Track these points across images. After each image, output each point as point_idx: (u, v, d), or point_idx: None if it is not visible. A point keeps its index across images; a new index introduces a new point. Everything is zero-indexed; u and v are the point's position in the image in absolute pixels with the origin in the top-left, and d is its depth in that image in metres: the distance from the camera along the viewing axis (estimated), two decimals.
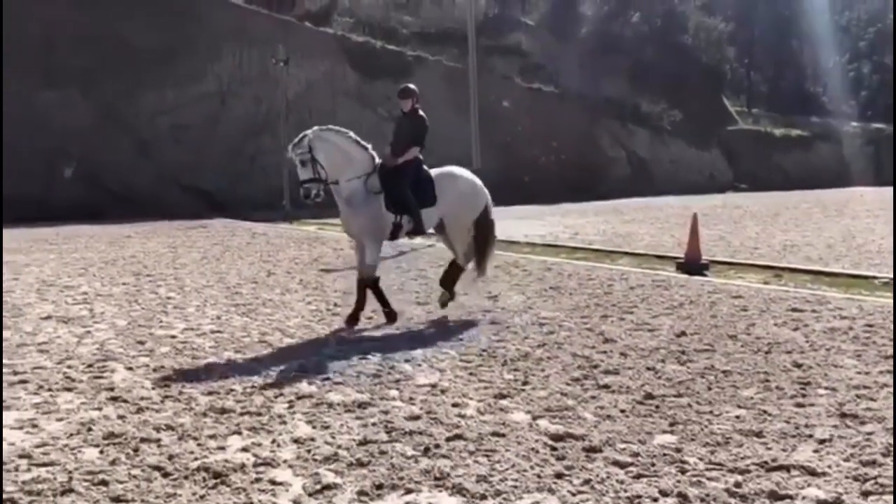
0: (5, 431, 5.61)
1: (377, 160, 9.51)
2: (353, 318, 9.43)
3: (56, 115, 35.71)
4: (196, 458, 5.03)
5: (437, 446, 5.18)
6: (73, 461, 4.98)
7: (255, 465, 4.92)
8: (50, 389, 6.70)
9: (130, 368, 7.48)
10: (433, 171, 9.85)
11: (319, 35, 42.88)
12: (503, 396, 6.32)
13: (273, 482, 4.66)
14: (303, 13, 43.91)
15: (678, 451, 5.08)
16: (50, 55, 35.76)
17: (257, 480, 4.68)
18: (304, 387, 6.71)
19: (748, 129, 63.55)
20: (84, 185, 35.58)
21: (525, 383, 6.69)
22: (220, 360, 7.76)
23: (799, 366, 7.18)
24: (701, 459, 4.94)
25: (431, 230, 10.23)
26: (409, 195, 9.49)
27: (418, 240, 18.44)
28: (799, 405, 6.03)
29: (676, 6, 64.92)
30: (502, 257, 16.41)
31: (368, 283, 9.52)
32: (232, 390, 6.63)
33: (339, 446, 5.21)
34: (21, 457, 5.06)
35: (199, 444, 5.30)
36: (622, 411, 5.91)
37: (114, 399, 6.39)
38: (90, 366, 7.58)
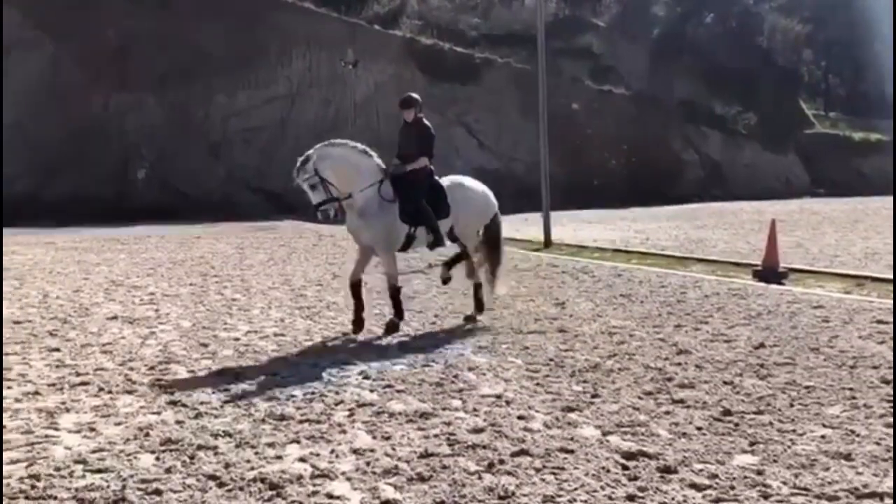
0: (63, 435, 5.55)
1: (383, 166, 9.30)
2: (392, 326, 9.22)
3: (130, 118, 36.38)
4: (253, 468, 4.87)
5: (502, 462, 4.93)
6: (128, 468, 4.87)
7: (313, 476, 4.74)
8: (110, 392, 6.64)
9: (192, 371, 7.40)
10: (443, 181, 9.66)
11: (388, 37, 42.88)
12: (571, 410, 6.04)
13: (330, 496, 4.48)
14: (371, 16, 43.99)
15: (760, 473, 4.76)
16: (126, 60, 36.43)
17: (314, 493, 4.50)
18: (365, 394, 6.53)
19: (826, 132, 61.76)
20: (156, 187, 36.16)
21: (595, 396, 6.40)
22: (281, 363, 7.63)
23: (887, 382, 6.74)
24: (785, 483, 4.60)
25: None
26: (425, 207, 9.27)
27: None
28: (889, 425, 5.63)
29: (751, 7, 63.43)
30: (570, 263, 16.09)
31: (393, 292, 9.40)
32: (292, 396, 6.48)
33: (400, 459, 5.01)
34: (77, 462, 4.97)
35: (256, 453, 5.15)
36: (698, 428, 5.58)
37: (173, 403, 6.29)
38: (152, 368, 7.52)
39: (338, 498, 4.45)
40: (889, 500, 4.36)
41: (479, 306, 10.00)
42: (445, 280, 10.42)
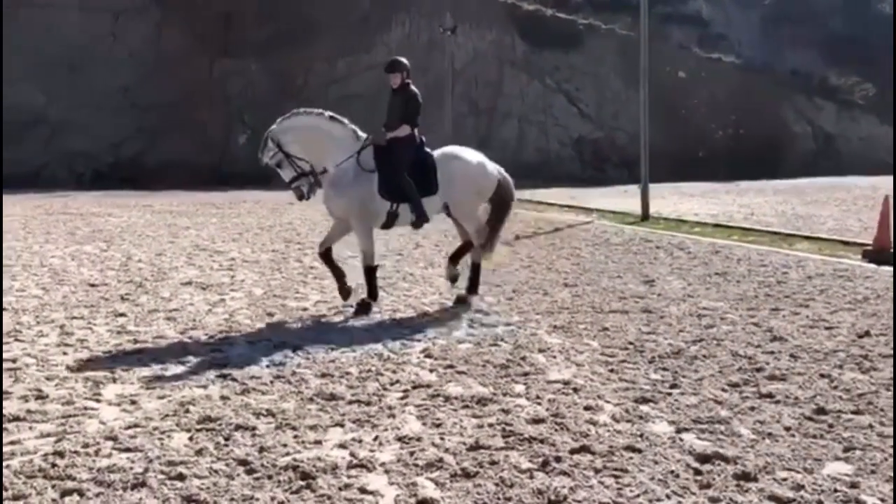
0: (103, 407, 5.32)
1: (361, 134, 8.57)
2: (364, 306, 8.46)
3: (233, 83, 36.80)
4: (288, 453, 4.52)
5: (559, 459, 4.44)
6: (158, 447, 4.57)
7: (349, 466, 4.36)
8: (163, 362, 6.41)
9: (251, 342, 7.13)
10: (435, 153, 8.77)
11: (489, 3, 42.09)
12: (645, 401, 5.48)
13: (363, 490, 4.08)
14: None
15: (854, 486, 4.14)
16: (230, 26, 36.82)
17: (346, 487, 4.11)
18: (423, 374, 6.13)
19: None
20: (256, 153, 36.54)
21: (673, 386, 5.82)
22: (342, 336, 7.29)
23: None
24: (883, 501, 3.98)
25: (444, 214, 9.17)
26: (406, 181, 8.43)
27: (571, 216, 17.69)
28: None
29: None
30: (666, 238, 15.32)
31: (368, 271, 8.65)
32: (347, 374, 6.12)
33: (447, 450, 4.57)
34: (107, 438, 4.72)
35: (295, 436, 4.80)
36: (786, 428, 4.96)
37: (223, 377, 6.01)
38: (211, 337, 7.30)
39: (371, 493, 4.05)
40: None
41: (475, 287, 9.03)
42: (452, 279, 9.24)
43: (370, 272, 8.67)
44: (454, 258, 9.26)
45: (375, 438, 4.76)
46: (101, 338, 7.24)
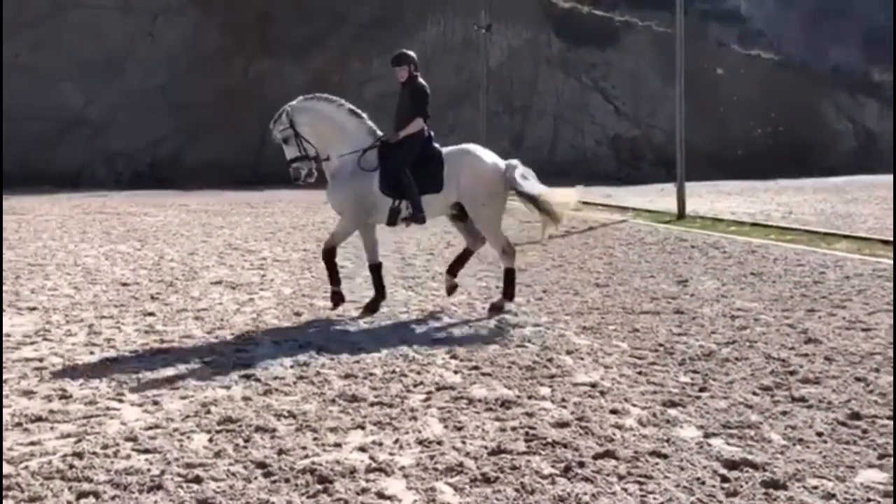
0: (125, 408, 5.31)
1: (379, 133, 8.38)
2: (371, 307, 8.38)
3: (270, 83, 36.97)
4: (307, 456, 4.46)
5: (582, 465, 4.34)
6: (176, 450, 4.53)
7: (368, 469, 4.29)
8: (187, 362, 6.40)
9: (277, 342, 7.10)
10: (446, 150, 8.48)
11: (524, 1, 41.95)
12: (673, 405, 5.35)
13: (381, 495, 4.01)
14: None
15: (887, 495, 3.99)
16: (265, 26, 37.02)
17: (364, 491, 4.04)
18: (447, 375, 6.05)
19: None
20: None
21: (703, 389, 5.68)
22: (365, 336, 7.24)
23: None
24: None
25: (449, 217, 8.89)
26: (406, 176, 8.18)
27: (605, 214, 17.55)
28: None
29: None
30: (701, 237, 15.11)
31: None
32: (371, 375, 6.06)
33: (468, 454, 4.49)
34: (127, 439, 4.69)
35: (315, 438, 4.74)
36: (819, 434, 4.81)
37: (246, 377, 5.98)
38: (238, 337, 7.28)
39: (388, 498, 3.98)
40: None
41: (510, 293, 8.52)
42: (450, 290, 8.85)
43: (376, 269, 8.51)
44: (452, 269, 8.88)
45: (396, 441, 4.69)
46: (128, 337, 7.26)
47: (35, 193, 25.84)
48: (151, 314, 8.21)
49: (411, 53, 8.54)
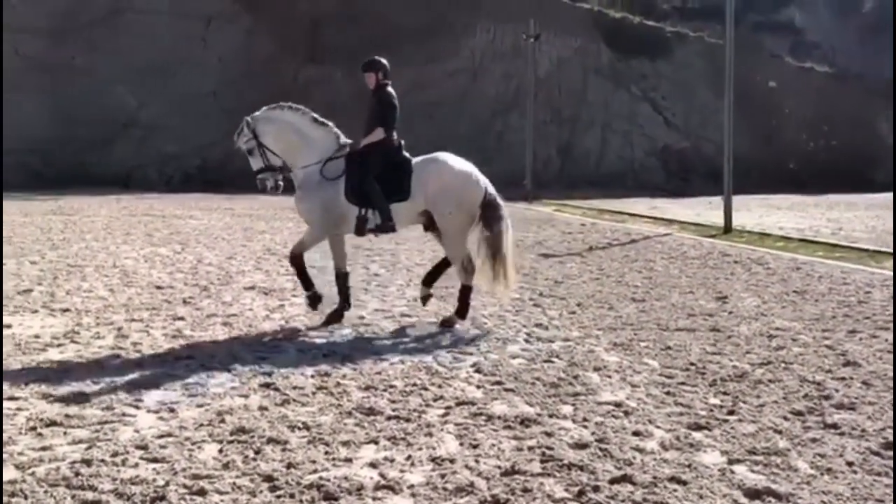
0: (141, 415, 5.28)
1: (342, 139, 8.25)
2: (335, 316, 8.22)
3: (317, 90, 37.21)
4: (315, 471, 4.38)
5: (597, 489, 4.19)
6: (184, 460, 4.48)
7: (376, 487, 4.19)
8: (209, 369, 6.36)
9: (301, 351, 7.06)
10: (417, 159, 8.31)
11: (574, 10, 41.71)
12: (699, 428, 5.17)
13: None
14: None
15: None
16: (315, 33, 37.31)
17: None
18: (469, 390, 5.93)
19: None
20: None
21: (731, 413, 5.48)
22: (395, 349, 7.16)
23: None
24: None
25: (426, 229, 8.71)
26: (371, 184, 8.01)
27: (649, 227, 17.32)
28: None
29: None
30: (745, 252, 14.79)
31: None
32: (391, 387, 5.97)
33: (480, 474, 4.36)
34: (138, 447, 4.65)
35: (326, 452, 4.65)
36: (849, 464, 4.59)
37: (266, 386, 5.92)
38: (263, 344, 7.24)
39: None
40: None
41: (463, 311, 8.30)
42: (424, 299, 8.66)
43: (341, 279, 8.42)
44: (428, 280, 8.69)
45: (408, 458, 4.58)
46: (155, 342, 7.25)
47: (87, 194, 26.26)
48: (181, 318, 8.22)
49: (381, 60, 8.40)
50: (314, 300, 8.33)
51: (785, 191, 36.29)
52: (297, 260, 8.33)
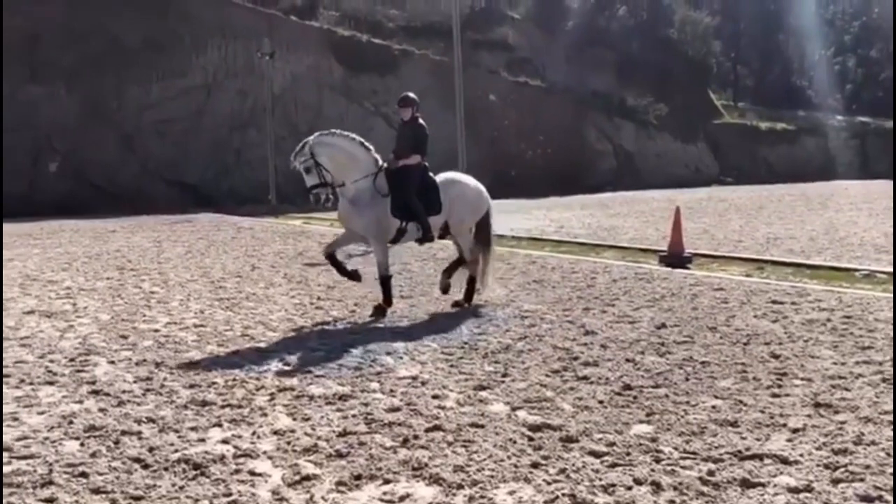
0: None
1: (381, 162, 9.65)
2: (379, 310, 9.62)
3: (41, 110, 35.53)
4: (176, 451, 5.06)
5: (416, 437, 5.23)
6: (53, 454, 5.00)
7: (235, 456, 4.96)
8: (31, 383, 6.71)
9: (112, 362, 7.50)
10: (437, 178, 9.96)
11: (305, 28, 42.71)
12: (483, 388, 6.37)
13: (252, 473, 4.71)
14: (288, 7, 43.74)
15: (654, 440, 5.15)
16: (35, 50, 35.57)
17: (237, 472, 4.73)
18: (285, 380, 6.76)
19: (734, 122, 63.68)
20: (69, 181, 35.41)
21: (505, 375, 6.75)
22: (201, 353, 7.80)
23: (776, 357, 7.26)
24: (676, 449, 5.01)
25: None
26: (416, 202, 9.61)
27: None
28: (774, 395, 6.11)
29: (662, 0, 65.03)
30: None
31: (384, 279, 9.79)
32: (214, 383, 6.66)
33: (319, 438, 5.26)
34: (2, 450, 5.08)
35: (179, 437, 5.34)
36: (600, 402, 5.97)
37: (95, 392, 6.41)
38: (72, 360, 7.59)
39: (260, 475, 4.68)
40: (768, 461, 4.79)
41: (469, 296, 10.23)
42: (445, 289, 10.44)
43: (386, 280, 9.74)
44: (448, 271, 10.52)
45: (253, 433, 5.38)
46: None
47: None
48: None
49: (413, 96, 9.96)
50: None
51: (509, 196, 39.26)
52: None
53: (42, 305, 10.70)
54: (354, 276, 10.02)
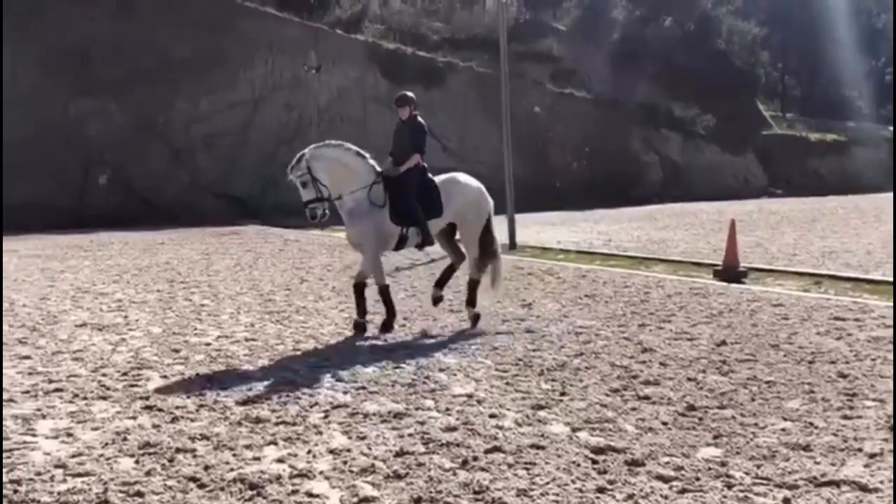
0: (41, 440, 5.60)
1: (378, 169, 9.40)
2: (386, 326, 9.47)
3: (92, 123, 36.04)
4: (232, 469, 4.97)
5: (476, 458, 5.08)
6: (108, 471, 4.94)
7: (292, 476, 4.86)
8: (85, 398, 6.68)
9: (165, 377, 7.46)
10: (437, 179, 9.65)
11: (350, 42, 42.94)
12: (541, 407, 6.20)
13: (310, 494, 4.60)
14: (334, 20, 44.03)
15: (723, 464, 4.96)
16: (87, 64, 36.11)
17: (294, 492, 4.62)
18: (339, 396, 6.65)
19: (783, 133, 62.86)
20: (118, 193, 35.84)
21: (563, 394, 6.58)
22: (253, 367, 7.74)
23: (844, 376, 7.00)
24: (747, 474, 4.80)
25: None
26: (415, 207, 9.30)
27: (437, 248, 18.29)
28: (846, 417, 5.88)
29: (709, 10, 64.41)
30: (535, 264, 16.30)
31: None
32: (267, 399, 6.58)
33: (376, 458, 5.13)
34: (57, 466, 5.03)
35: (234, 455, 5.25)
36: (664, 423, 5.78)
37: (149, 408, 6.36)
38: (125, 374, 7.56)
39: (317, 496, 4.57)
40: (846, 488, 4.57)
41: (472, 300, 9.89)
42: (436, 300, 10.10)
43: (384, 291, 9.57)
44: (440, 283, 10.10)
45: (309, 452, 5.27)
46: (13, 379, 7.36)
47: None
48: (27, 357, 8.28)
49: (411, 94, 9.71)
50: (360, 328, 9.41)
51: (554, 208, 39.05)
52: (359, 288, 9.49)
53: (94, 318, 10.74)
54: (360, 326, 9.43)
